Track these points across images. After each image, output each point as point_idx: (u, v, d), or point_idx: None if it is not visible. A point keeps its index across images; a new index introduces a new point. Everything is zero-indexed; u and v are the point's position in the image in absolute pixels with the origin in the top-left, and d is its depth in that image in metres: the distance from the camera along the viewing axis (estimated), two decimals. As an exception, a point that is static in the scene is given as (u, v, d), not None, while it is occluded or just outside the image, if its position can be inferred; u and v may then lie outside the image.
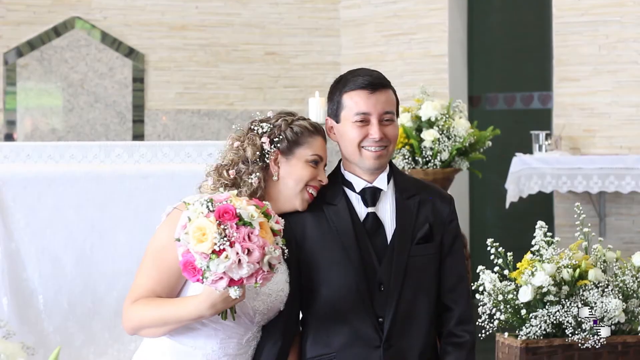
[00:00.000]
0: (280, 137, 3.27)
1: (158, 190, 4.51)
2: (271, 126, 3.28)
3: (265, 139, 3.26)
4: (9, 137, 9.31)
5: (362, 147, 3.27)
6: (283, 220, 3.01)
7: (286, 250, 3.02)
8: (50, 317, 4.78)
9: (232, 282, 2.83)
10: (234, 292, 2.85)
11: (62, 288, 4.80)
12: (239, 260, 2.80)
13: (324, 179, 3.31)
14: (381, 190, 3.30)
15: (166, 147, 4.70)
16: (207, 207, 2.83)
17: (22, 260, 4.78)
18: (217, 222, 2.80)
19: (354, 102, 3.27)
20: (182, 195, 3.38)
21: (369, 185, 3.29)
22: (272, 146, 3.26)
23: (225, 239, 2.80)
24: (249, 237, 2.82)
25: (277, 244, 2.90)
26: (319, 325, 3.27)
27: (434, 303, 3.34)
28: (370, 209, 3.29)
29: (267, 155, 3.25)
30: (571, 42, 8.77)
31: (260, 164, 3.24)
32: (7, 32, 9.36)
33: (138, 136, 9.51)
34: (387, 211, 3.30)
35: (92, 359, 4.84)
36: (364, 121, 3.25)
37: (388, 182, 3.32)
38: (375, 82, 3.26)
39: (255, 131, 3.28)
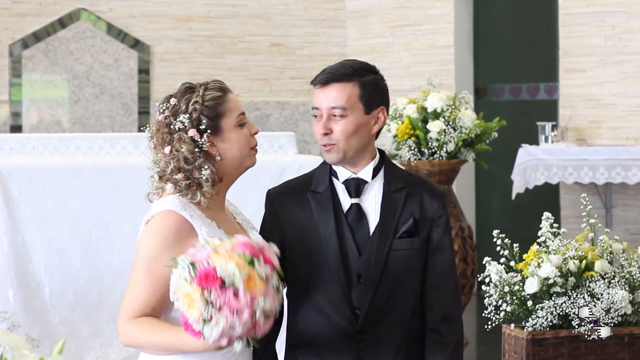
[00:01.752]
0: (203, 120, 3.16)
1: (163, 182, 4.50)
2: (189, 115, 3.17)
3: (192, 132, 3.15)
4: (15, 129, 9.31)
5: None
6: (276, 248, 2.93)
7: (278, 284, 2.93)
8: (56, 308, 4.78)
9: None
10: (237, 345, 2.85)
11: (68, 279, 4.80)
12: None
13: (254, 128, 3.27)
14: (366, 182, 3.28)
15: (171, 138, 4.69)
16: (189, 272, 2.82)
17: (28, 252, 4.78)
18: (201, 288, 2.80)
19: (314, 97, 3.30)
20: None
21: (353, 176, 3.28)
22: (202, 134, 3.16)
23: (210, 306, 2.80)
24: (235, 295, 2.81)
25: (272, 286, 2.85)
26: (297, 312, 3.26)
27: (416, 298, 3.27)
28: (354, 200, 3.27)
29: (203, 145, 3.16)
30: (577, 33, 8.76)
31: (201, 155, 3.16)
32: (12, 23, 9.36)
33: (144, 128, 9.50)
34: (371, 203, 3.28)
35: (99, 350, 4.85)
36: (318, 116, 3.25)
37: (376, 174, 3.29)
38: (325, 78, 3.23)
39: (178, 128, 3.17)
